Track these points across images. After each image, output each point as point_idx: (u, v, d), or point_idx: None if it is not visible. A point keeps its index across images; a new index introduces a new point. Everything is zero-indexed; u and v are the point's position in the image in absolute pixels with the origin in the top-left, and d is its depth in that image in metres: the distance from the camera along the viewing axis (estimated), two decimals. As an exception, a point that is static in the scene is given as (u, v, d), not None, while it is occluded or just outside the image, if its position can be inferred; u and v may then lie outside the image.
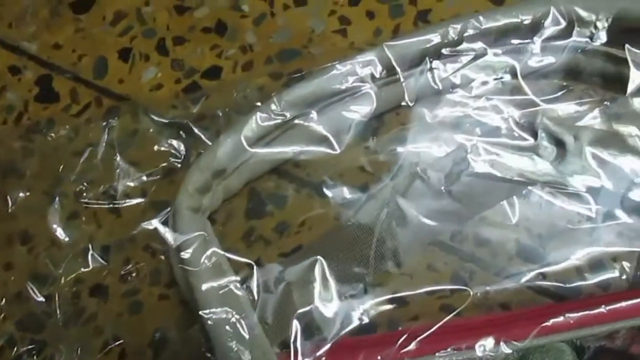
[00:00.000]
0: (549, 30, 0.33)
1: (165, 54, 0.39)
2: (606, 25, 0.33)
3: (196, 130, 0.35)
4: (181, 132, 0.35)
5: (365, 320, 0.30)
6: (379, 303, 0.32)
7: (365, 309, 0.31)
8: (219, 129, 0.34)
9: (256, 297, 0.30)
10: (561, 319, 0.29)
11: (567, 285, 0.32)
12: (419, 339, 0.29)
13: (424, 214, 0.32)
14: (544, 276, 0.32)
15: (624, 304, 0.29)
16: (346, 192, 0.34)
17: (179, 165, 0.34)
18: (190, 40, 0.39)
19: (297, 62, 0.37)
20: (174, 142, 0.35)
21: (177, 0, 0.40)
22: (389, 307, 0.31)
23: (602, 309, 0.29)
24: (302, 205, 0.34)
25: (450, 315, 0.30)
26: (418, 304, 0.32)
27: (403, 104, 0.33)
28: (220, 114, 0.35)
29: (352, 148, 0.34)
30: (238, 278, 0.30)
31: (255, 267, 0.30)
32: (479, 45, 0.33)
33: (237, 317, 0.28)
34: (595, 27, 0.33)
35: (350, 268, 0.31)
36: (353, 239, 0.32)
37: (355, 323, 0.31)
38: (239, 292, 0.29)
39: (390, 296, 0.31)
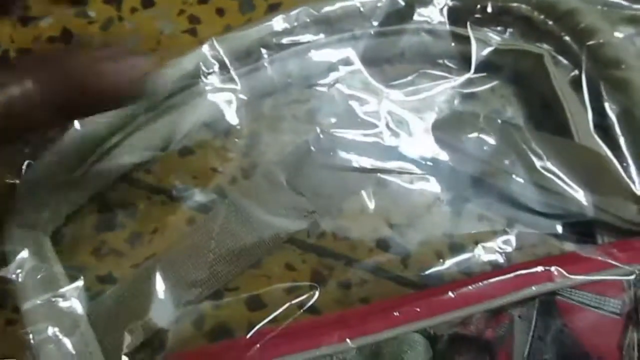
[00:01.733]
0: (388, 13, 0.31)
1: (10, 67, 0.37)
2: (449, 4, 0.32)
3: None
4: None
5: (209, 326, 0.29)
6: (232, 307, 0.30)
7: (210, 314, 0.29)
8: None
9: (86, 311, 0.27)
10: (411, 308, 0.27)
11: (428, 273, 0.31)
12: (263, 340, 0.27)
13: (272, 212, 0.30)
14: (405, 266, 0.31)
15: (471, 287, 0.28)
16: (198, 195, 0.32)
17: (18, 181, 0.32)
18: (35, 52, 0.37)
19: (146, 65, 0.35)
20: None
21: (21, 10, 0.38)
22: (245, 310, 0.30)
23: (451, 295, 0.28)
24: (154, 213, 0.32)
25: (294, 316, 0.28)
26: (276, 306, 0.30)
27: (242, 97, 0.31)
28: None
29: (203, 149, 0.32)
30: (68, 289, 0.27)
31: (81, 279, 0.28)
32: (318, 33, 0.31)
33: (63, 333, 0.26)
34: (434, 7, 0.31)
35: (196, 273, 0.29)
36: (199, 244, 0.30)
37: (202, 329, 0.29)
38: (69, 307, 0.27)
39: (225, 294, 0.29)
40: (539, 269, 0.28)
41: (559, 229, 0.30)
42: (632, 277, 0.27)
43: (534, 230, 0.31)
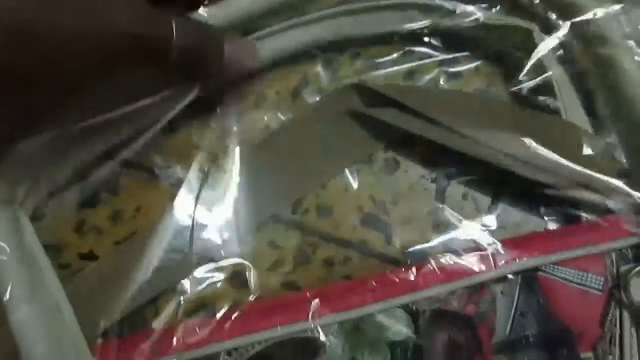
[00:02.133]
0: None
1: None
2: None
3: None
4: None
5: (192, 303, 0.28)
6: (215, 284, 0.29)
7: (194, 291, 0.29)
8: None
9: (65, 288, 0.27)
10: (393, 284, 0.27)
11: (412, 251, 0.30)
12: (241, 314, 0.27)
13: (256, 187, 0.30)
14: (389, 243, 0.30)
15: (453, 263, 0.27)
16: (181, 173, 0.31)
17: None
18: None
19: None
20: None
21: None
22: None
23: (433, 271, 0.27)
24: (137, 190, 0.31)
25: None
26: (260, 283, 0.30)
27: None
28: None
29: (186, 126, 0.32)
30: (47, 266, 0.27)
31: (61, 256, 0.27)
32: (302, 11, 0.30)
33: (41, 310, 0.25)
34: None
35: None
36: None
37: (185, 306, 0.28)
38: (48, 284, 0.26)
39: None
40: (522, 245, 0.27)
41: (543, 206, 0.29)
42: (614, 253, 0.26)
43: (517, 208, 0.30)
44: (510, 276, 0.27)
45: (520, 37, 0.31)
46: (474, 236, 0.30)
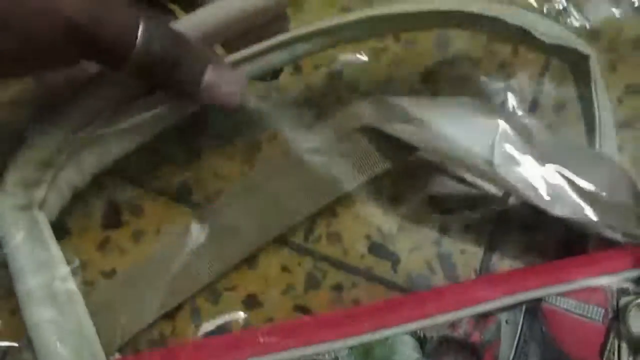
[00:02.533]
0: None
1: None
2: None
3: None
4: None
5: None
6: (229, 305, 0.30)
7: (207, 312, 0.29)
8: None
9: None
10: (402, 311, 0.27)
11: (416, 279, 0.31)
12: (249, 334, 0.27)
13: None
14: (395, 271, 0.31)
15: (460, 292, 0.28)
16: (200, 198, 0.32)
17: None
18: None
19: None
20: None
21: None
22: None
23: (441, 299, 0.27)
24: (159, 213, 0.32)
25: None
26: (272, 305, 0.30)
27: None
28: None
29: (209, 151, 0.32)
30: (66, 271, 0.26)
31: (77, 261, 0.27)
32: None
33: (59, 317, 0.25)
34: None
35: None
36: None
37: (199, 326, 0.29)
38: (66, 291, 0.26)
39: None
40: (527, 275, 0.28)
41: (546, 236, 0.30)
42: (615, 285, 0.27)
43: (519, 238, 0.31)
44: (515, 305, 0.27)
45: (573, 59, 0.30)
46: (475, 266, 0.31)
